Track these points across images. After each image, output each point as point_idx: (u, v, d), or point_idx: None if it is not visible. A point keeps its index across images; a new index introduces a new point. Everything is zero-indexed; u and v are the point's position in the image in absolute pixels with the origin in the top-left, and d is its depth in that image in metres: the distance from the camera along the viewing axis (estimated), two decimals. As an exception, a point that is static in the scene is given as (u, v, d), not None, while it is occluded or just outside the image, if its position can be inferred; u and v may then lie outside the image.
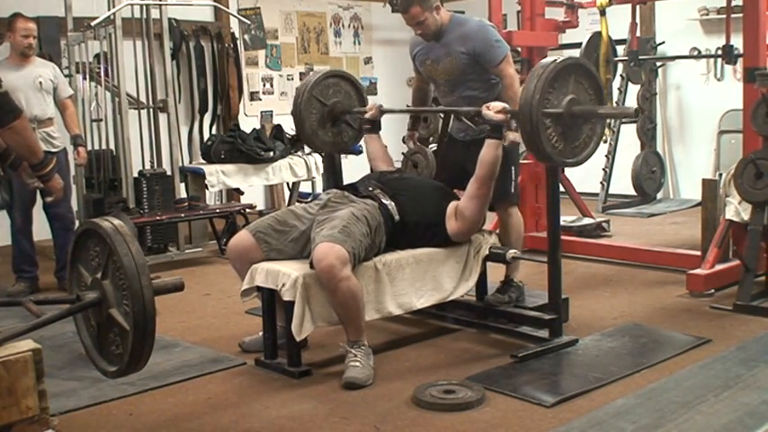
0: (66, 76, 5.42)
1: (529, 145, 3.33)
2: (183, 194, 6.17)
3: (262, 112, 8.19)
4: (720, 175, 4.95)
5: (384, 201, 3.57)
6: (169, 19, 6.24)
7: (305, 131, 4.11)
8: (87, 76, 5.70)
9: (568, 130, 3.31)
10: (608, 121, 5.84)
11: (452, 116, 4.00)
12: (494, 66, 3.79)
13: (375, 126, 4.11)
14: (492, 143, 3.48)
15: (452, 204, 3.65)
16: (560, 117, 3.26)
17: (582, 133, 3.39)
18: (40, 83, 4.89)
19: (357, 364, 3.28)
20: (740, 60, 5.34)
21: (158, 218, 5.70)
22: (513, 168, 3.86)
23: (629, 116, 3.45)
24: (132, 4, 5.71)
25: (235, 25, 7.70)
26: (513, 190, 3.92)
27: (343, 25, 8.90)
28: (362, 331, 3.36)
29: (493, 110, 3.46)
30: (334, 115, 4.13)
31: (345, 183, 4.03)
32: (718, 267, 4.51)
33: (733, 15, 5.52)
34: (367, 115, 4.05)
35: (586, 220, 6.27)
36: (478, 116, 3.65)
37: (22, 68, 4.85)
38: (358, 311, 3.30)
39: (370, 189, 3.64)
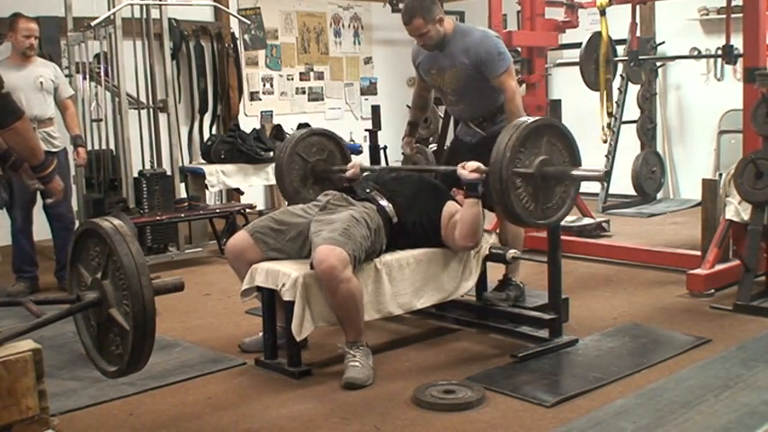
0: (66, 76, 5.42)
1: (498, 204, 3.25)
2: (183, 194, 6.17)
3: (262, 112, 8.18)
4: (720, 175, 4.94)
5: (381, 202, 3.56)
6: (169, 19, 6.24)
7: (285, 188, 4.04)
8: (87, 76, 5.70)
9: (540, 190, 3.24)
10: (608, 120, 5.86)
11: (452, 120, 3.99)
12: (495, 77, 3.76)
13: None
14: (469, 202, 3.46)
15: (448, 207, 3.63)
16: (531, 177, 3.19)
17: (555, 195, 3.31)
18: (41, 83, 4.90)
19: (357, 364, 3.28)
20: (740, 60, 5.34)
21: (158, 218, 5.70)
22: None
23: (600, 180, 3.41)
24: (132, 4, 5.71)
25: (235, 25, 7.69)
26: None
27: (343, 25, 8.90)
28: (361, 332, 3.36)
29: (468, 169, 3.42)
30: (315, 173, 4.09)
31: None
32: (718, 267, 4.51)
33: (733, 15, 5.51)
34: (347, 174, 3.99)
35: (586, 220, 6.26)
36: (481, 126, 3.59)
37: (23, 68, 4.85)
38: (357, 313, 3.30)
39: (368, 191, 3.64)
